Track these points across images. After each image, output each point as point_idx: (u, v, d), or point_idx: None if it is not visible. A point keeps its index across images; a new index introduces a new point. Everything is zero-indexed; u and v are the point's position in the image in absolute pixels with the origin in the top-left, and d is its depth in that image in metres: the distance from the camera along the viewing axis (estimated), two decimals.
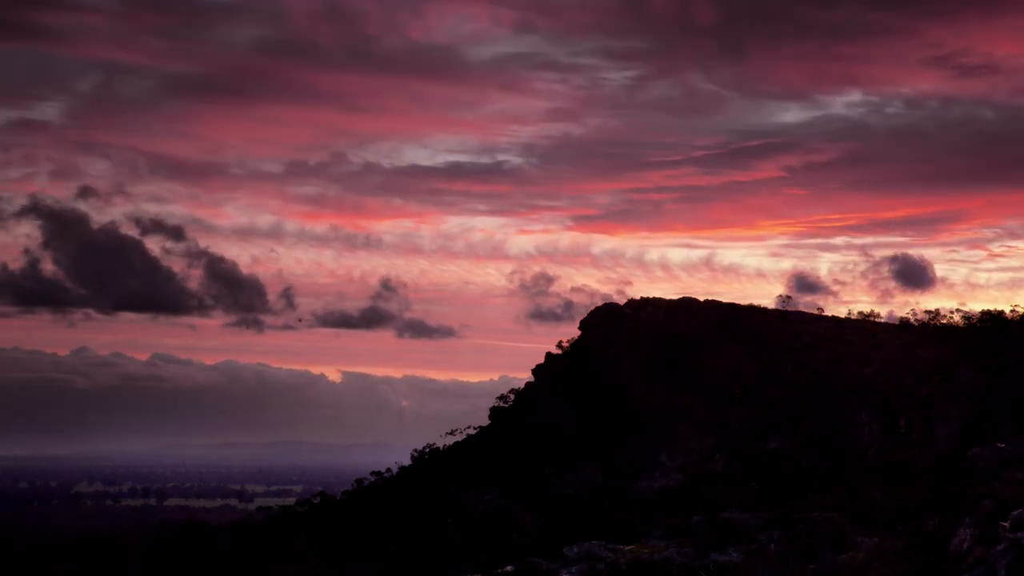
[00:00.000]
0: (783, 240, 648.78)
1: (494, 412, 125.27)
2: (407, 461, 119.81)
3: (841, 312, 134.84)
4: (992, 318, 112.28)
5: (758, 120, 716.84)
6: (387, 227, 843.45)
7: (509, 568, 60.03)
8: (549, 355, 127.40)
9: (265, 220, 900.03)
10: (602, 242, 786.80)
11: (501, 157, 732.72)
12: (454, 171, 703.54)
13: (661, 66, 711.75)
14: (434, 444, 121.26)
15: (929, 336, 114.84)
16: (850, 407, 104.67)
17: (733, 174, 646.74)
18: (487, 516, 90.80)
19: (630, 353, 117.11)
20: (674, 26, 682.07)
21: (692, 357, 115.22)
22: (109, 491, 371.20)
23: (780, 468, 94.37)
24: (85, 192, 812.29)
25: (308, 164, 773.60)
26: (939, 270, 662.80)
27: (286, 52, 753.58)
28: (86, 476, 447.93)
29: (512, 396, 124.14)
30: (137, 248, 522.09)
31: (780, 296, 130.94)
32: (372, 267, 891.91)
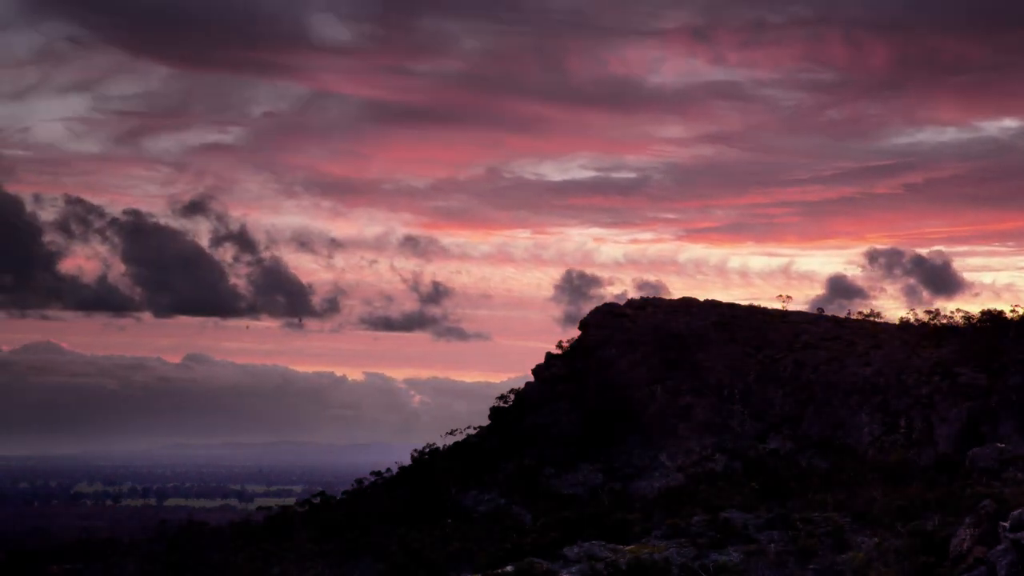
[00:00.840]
0: (861, 248, 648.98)
1: (494, 412, 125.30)
2: (407, 461, 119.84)
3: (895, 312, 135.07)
4: (992, 318, 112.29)
5: (898, 143, 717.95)
6: (496, 238, 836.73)
7: (509, 568, 60.01)
8: (549, 355, 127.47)
9: (379, 231, 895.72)
10: (698, 252, 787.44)
11: (644, 174, 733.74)
12: (589, 185, 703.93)
13: (826, 98, 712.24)
14: (434, 444, 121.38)
15: (929, 336, 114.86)
16: (850, 407, 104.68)
17: (849, 189, 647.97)
18: (487, 516, 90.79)
19: (630, 353, 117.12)
20: (851, 65, 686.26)
21: (692, 357, 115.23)
22: (109, 491, 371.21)
23: (780, 468, 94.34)
24: (195, 206, 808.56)
25: (457, 179, 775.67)
26: None
27: (477, 83, 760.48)
28: (86, 476, 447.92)
29: (512, 396, 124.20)
30: (202, 252, 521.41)
31: (780, 296, 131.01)
32: (447, 273, 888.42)
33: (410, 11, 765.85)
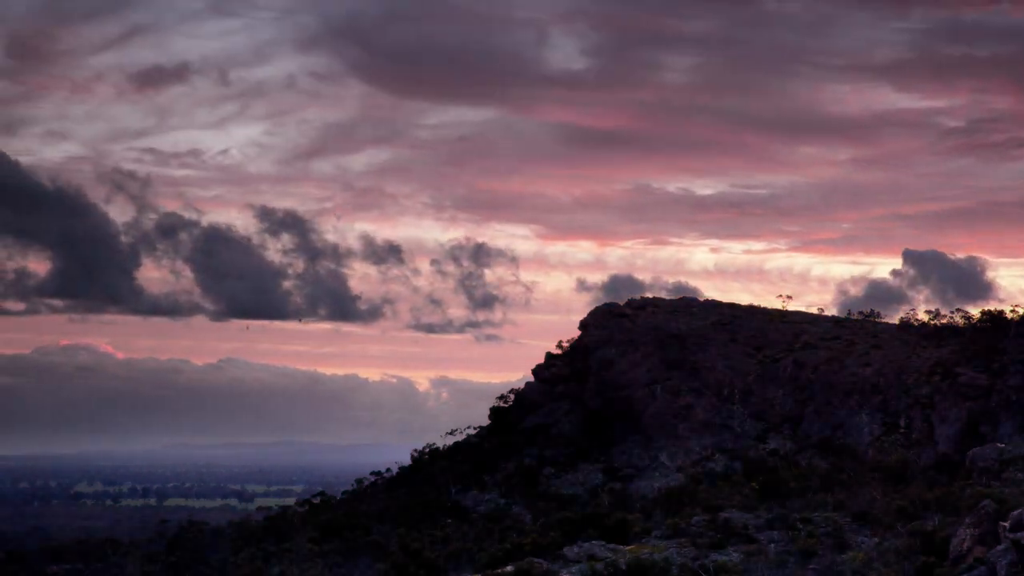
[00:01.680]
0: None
1: (494, 412, 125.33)
2: (407, 461, 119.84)
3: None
4: (992, 318, 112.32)
5: None
6: (612, 249, 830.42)
7: (509, 568, 59.98)
8: (549, 355, 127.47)
9: (496, 242, 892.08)
10: (797, 261, 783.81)
11: (794, 190, 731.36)
12: (723, 200, 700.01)
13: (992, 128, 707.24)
14: (434, 444, 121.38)
15: (929, 336, 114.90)
16: (850, 407, 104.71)
17: (981, 200, 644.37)
18: (487, 516, 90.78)
19: (630, 353, 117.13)
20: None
21: (692, 357, 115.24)
22: (109, 491, 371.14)
23: (780, 468, 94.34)
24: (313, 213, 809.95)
25: (600, 193, 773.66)
26: None
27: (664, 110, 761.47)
28: (86, 476, 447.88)
29: (512, 396, 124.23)
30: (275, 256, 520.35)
31: (780, 296, 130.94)
32: (525, 280, 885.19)
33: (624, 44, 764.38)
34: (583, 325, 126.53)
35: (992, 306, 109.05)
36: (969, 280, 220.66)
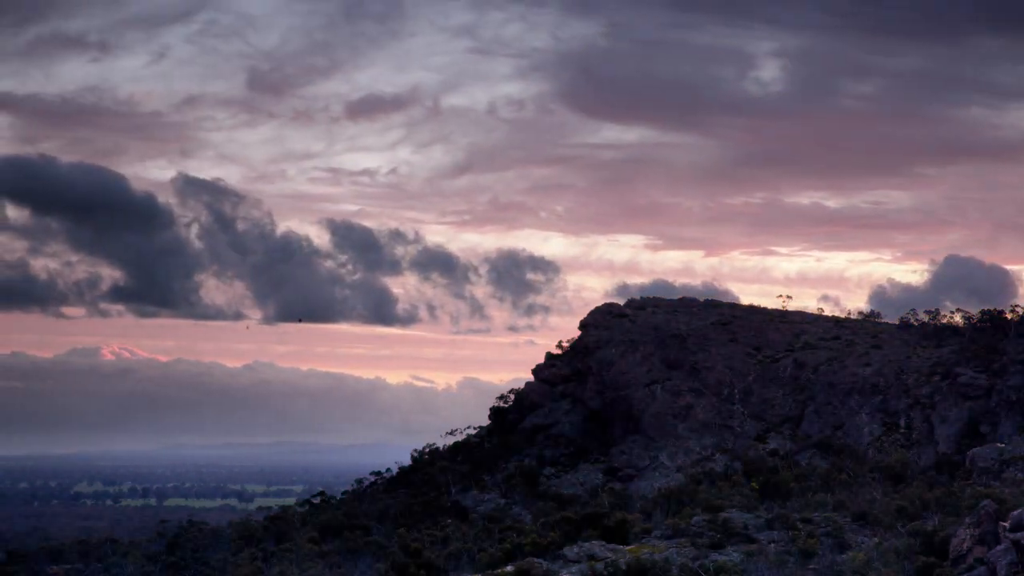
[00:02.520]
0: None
1: (494, 412, 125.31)
2: (407, 461, 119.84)
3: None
4: (992, 318, 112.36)
5: None
6: (715, 260, 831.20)
7: (509, 568, 60.01)
8: (549, 355, 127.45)
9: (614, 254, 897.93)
10: (891, 270, 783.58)
11: (932, 207, 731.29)
12: (866, 214, 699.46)
13: None
14: (434, 444, 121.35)
15: (929, 336, 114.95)
16: (850, 407, 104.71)
17: None
18: (487, 516, 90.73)
19: (630, 353, 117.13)
20: None
21: (692, 357, 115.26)
22: (109, 491, 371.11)
23: (780, 468, 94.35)
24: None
25: (734, 205, 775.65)
26: None
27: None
28: (86, 476, 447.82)
29: (512, 396, 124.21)
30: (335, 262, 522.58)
31: (780, 296, 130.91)
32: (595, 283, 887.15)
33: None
34: (583, 325, 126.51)
35: None
36: None
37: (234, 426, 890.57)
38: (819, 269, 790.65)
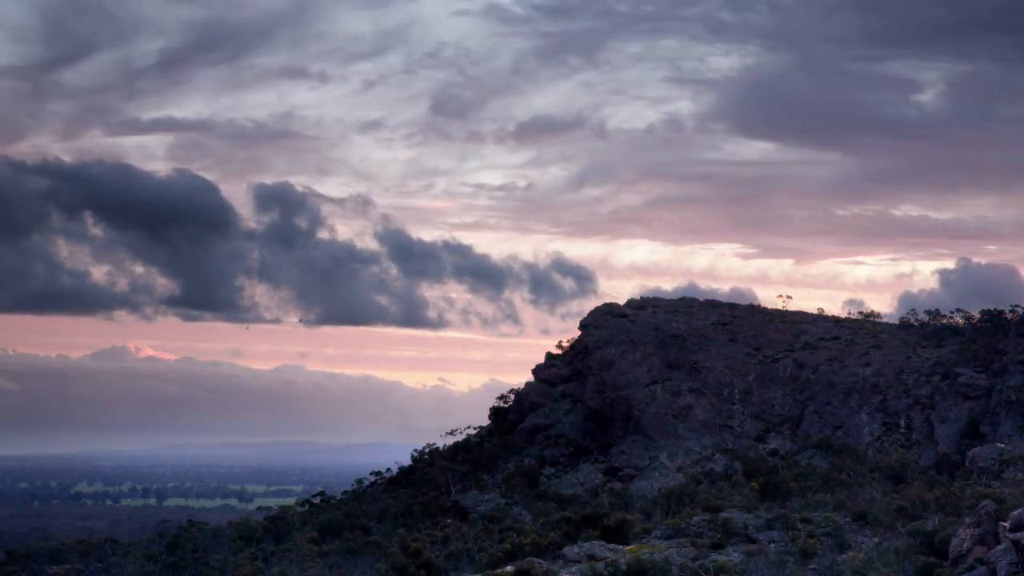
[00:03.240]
0: None
1: (494, 412, 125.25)
2: (407, 461, 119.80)
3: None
4: (992, 318, 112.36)
5: None
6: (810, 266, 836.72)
7: (509, 568, 60.07)
8: (549, 355, 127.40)
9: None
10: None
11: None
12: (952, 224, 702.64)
13: None
14: (434, 444, 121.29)
15: (929, 336, 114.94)
16: (850, 407, 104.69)
17: None
18: (487, 516, 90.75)
19: (630, 353, 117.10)
20: None
21: (692, 357, 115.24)
22: (109, 491, 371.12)
23: (780, 468, 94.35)
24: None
25: (837, 213, 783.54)
26: None
27: None
28: (86, 476, 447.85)
29: (512, 396, 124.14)
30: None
31: (780, 296, 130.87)
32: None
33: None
34: (583, 325, 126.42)
35: None
36: None
37: (234, 426, 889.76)
38: (896, 275, 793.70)
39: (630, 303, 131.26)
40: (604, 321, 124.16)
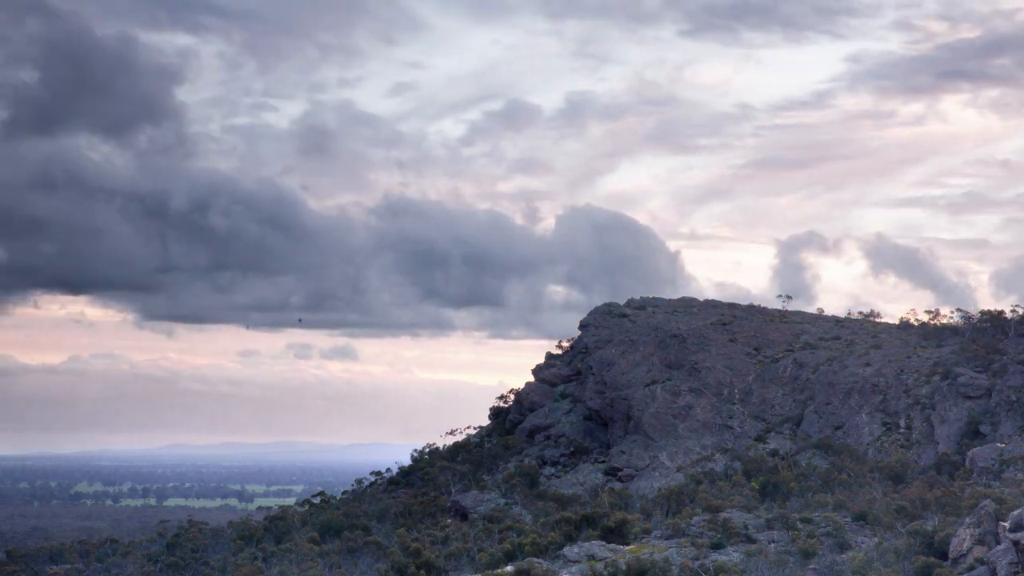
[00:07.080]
0: None
1: (494, 412, 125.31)
2: (407, 461, 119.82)
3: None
4: (992, 318, 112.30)
5: None
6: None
7: (509, 568, 60.05)
8: (549, 355, 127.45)
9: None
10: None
11: None
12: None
13: None
14: (434, 444, 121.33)
15: (929, 336, 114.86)
16: (850, 407, 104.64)
17: None
18: (487, 516, 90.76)
19: (630, 353, 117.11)
20: None
21: (692, 357, 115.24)
22: (109, 491, 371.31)
23: (780, 468, 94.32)
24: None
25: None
26: None
27: None
28: (86, 476, 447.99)
29: (512, 396, 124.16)
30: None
31: (780, 296, 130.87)
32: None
33: None
34: (583, 325, 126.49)
35: None
36: None
37: (234, 426, 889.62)
38: None
39: (630, 303, 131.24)
40: (604, 321, 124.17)
